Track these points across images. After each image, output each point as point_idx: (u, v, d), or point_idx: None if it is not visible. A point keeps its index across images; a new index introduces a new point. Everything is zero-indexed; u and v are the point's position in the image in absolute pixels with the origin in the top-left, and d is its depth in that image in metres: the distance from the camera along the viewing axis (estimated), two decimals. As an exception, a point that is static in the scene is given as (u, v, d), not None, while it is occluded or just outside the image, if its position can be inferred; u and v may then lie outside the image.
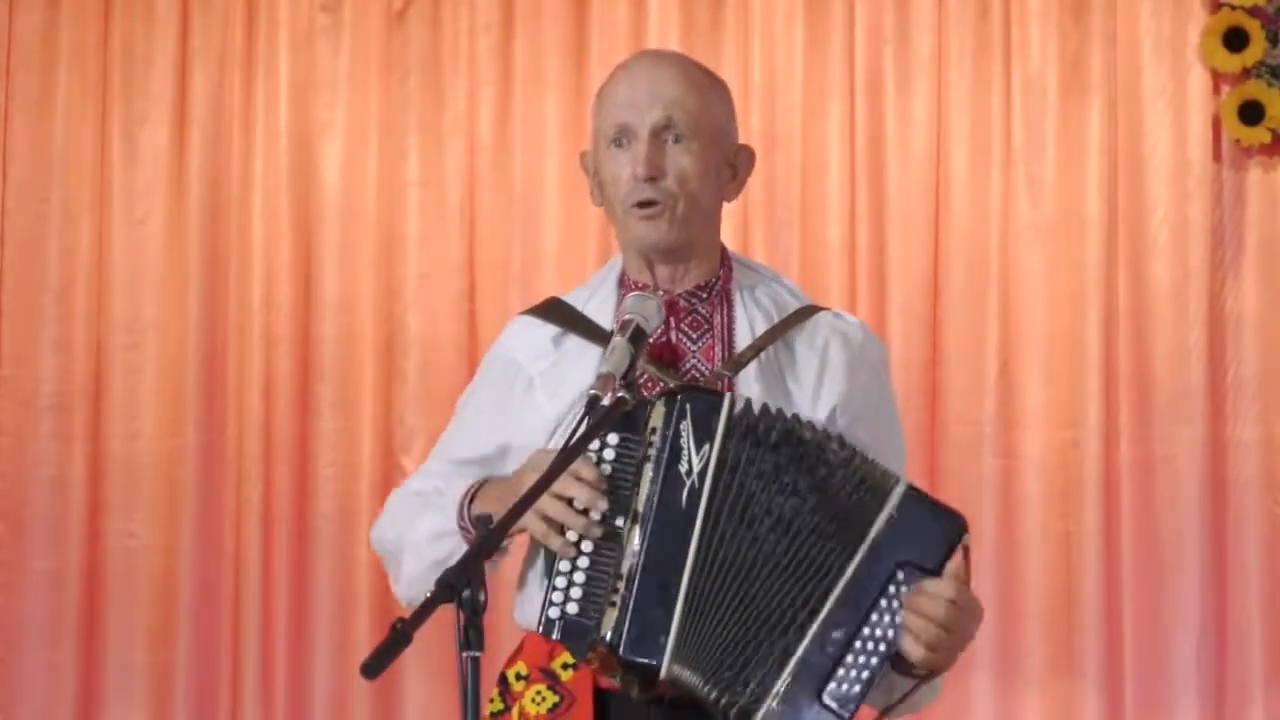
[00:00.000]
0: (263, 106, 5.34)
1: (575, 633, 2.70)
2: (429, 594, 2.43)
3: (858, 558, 2.72)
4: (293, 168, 5.32)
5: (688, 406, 2.73)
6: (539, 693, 2.76)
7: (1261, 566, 5.10)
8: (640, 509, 2.71)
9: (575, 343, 2.93)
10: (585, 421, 2.68)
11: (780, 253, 5.20)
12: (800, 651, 2.70)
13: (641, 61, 2.99)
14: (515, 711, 2.79)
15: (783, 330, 2.92)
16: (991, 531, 5.12)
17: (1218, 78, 5.19)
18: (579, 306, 2.98)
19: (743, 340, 2.92)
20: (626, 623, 2.67)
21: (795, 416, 2.77)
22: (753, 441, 2.73)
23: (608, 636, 2.68)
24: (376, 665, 2.36)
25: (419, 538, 2.92)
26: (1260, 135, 5.14)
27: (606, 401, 2.68)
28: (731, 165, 2.97)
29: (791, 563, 2.72)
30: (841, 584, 2.72)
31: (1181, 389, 5.13)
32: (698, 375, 2.88)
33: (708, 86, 2.95)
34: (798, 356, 2.92)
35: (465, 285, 5.28)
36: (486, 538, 2.50)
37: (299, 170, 5.32)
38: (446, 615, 2.47)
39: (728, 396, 2.76)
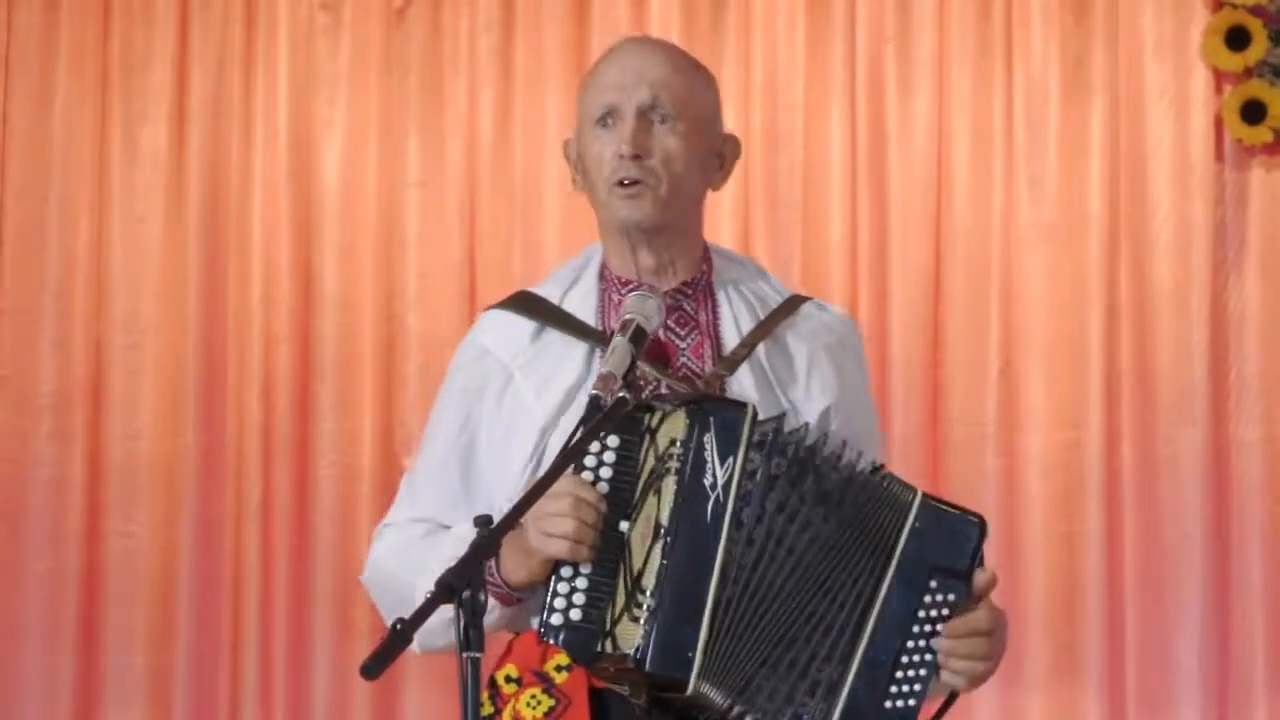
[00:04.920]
0: (262, 106, 5.33)
1: (578, 639, 2.65)
2: (428, 595, 2.42)
3: (889, 576, 2.72)
4: (293, 167, 5.31)
5: (711, 419, 2.67)
6: (534, 696, 2.72)
7: (1264, 567, 5.10)
8: (664, 522, 2.65)
9: (556, 337, 2.88)
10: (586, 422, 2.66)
11: (781, 253, 5.20)
12: (849, 681, 2.69)
13: (628, 45, 2.97)
14: (508, 714, 2.74)
15: (771, 324, 2.90)
16: (994, 532, 5.06)
17: (1220, 77, 5.18)
18: (554, 300, 2.92)
19: (729, 336, 2.89)
20: (653, 637, 2.62)
21: (818, 430, 2.75)
22: (779, 455, 2.69)
23: (633, 651, 2.62)
24: (376, 666, 2.35)
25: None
26: (1262, 135, 5.13)
27: (608, 401, 2.65)
28: (718, 154, 2.93)
29: (824, 583, 2.70)
30: (878, 605, 2.71)
31: (1184, 389, 5.12)
32: (690, 373, 2.84)
33: (694, 71, 2.92)
34: (787, 351, 2.90)
35: (465, 285, 5.27)
36: (487, 539, 2.49)
37: (299, 170, 5.32)
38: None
39: (750, 408, 2.70)
